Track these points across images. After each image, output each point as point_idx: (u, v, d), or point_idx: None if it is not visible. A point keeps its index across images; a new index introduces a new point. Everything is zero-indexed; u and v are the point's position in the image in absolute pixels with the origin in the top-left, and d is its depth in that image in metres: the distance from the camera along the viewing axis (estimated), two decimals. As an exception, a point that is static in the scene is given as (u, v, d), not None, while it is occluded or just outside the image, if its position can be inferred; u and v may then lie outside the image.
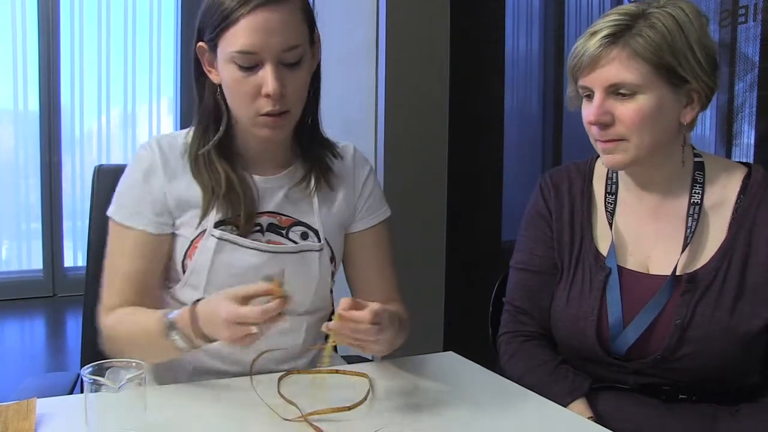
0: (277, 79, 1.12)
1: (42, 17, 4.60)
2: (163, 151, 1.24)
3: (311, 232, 1.28)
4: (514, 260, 1.35)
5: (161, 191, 1.22)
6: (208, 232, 1.20)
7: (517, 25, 2.66)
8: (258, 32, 1.10)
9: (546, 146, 2.69)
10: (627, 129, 1.12)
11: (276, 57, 1.12)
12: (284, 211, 1.27)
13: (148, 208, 1.21)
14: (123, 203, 1.23)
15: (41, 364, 3.58)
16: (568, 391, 1.19)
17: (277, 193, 1.27)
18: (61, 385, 1.26)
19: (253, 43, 1.11)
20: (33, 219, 4.77)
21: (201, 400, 1.09)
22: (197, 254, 1.21)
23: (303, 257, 1.25)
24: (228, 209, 1.21)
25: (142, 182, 1.22)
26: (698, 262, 1.16)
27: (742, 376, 1.16)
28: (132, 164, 1.25)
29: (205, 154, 1.22)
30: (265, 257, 1.22)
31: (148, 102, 5.02)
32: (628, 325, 1.17)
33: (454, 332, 2.69)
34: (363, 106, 2.61)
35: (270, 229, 1.25)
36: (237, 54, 1.12)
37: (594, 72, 1.12)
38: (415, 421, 1.02)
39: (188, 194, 1.22)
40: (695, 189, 1.18)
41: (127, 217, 1.21)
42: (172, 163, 1.23)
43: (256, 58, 1.12)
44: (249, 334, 1.00)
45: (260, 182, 1.26)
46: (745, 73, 1.83)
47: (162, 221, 1.22)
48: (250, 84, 1.13)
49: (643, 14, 1.11)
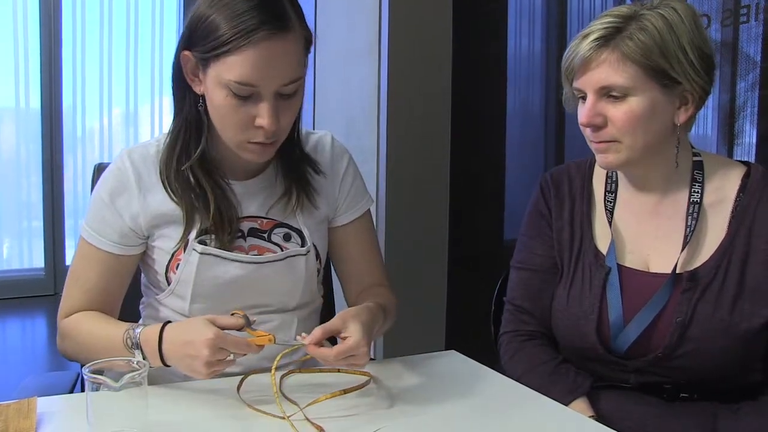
0: (274, 114, 1.08)
1: (44, 15, 4.61)
2: (136, 166, 1.20)
3: (293, 233, 1.27)
4: (515, 259, 1.35)
5: (129, 212, 1.19)
6: (190, 246, 1.18)
7: (519, 25, 2.66)
8: (259, 67, 1.05)
9: (548, 145, 2.69)
10: (619, 131, 1.12)
11: (275, 90, 1.08)
12: (264, 214, 1.25)
13: (111, 231, 1.20)
14: (89, 220, 1.21)
15: (42, 363, 3.58)
16: (569, 390, 1.19)
17: (256, 197, 1.25)
18: (61, 384, 1.26)
19: (255, 76, 1.05)
20: (34, 217, 4.77)
21: (201, 399, 1.09)
22: (181, 267, 1.20)
23: (288, 262, 1.25)
24: (208, 220, 1.18)
25: (108, 203, 1.19)
26: (698, 260, 1.16)
27: (742, 374, 1.16)
28: (101, 181, 1.22)
29: (186, 168, 1.18)
30: (250, 268, 1.21)
31: (150, 101, 5.02)
32: (628, 323, 1.17)
33: (456, 331, 2.69)
34: (365, 104, 2.60)
35: (251, 234, 1.24)
36: (234, 83, 1.06)
37: (585, 75, 1.13)
38: (416, 421, 1.02)
39: (165, 207, 1.19)
40: (694, 187, 1.19)
41: (91, 235, 1.20)
42: (145, 177, 1.20)
43: (254, 90, 1.07)
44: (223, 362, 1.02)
45: (237, 187, 1.23)
46: (746, 73, 1.83)
47: (127, 243, 1.20)
48: (244, 113, 1.09)
49: (635, 16, 1.11)
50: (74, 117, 4.82)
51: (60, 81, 4.70)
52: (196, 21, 1.09)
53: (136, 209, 1.19)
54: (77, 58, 4.77)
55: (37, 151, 4.71)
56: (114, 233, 1.20)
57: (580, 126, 1.18)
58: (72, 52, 4.74)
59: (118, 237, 1.20)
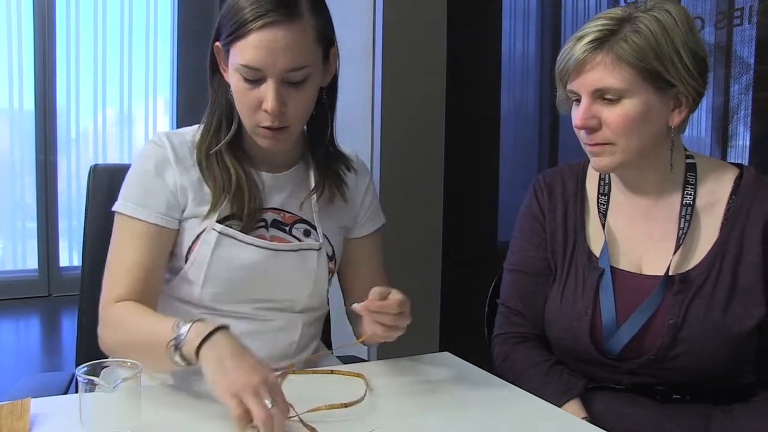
0: (278, 98, 1.13)
1: (38, 15, 4.59)
2: (174, 145, 1.23)
3: (313, 231, 1.29)
4: (508, 261, 1.36)
5: (174, 184, 1.21)
6: (210, 225, 1.21)
7: (514, 26, 2.66)
8: (264, 50, 1.10)
9: (542, 147, 2.70)
10: (613, 133, 1.13)
11: (279, 76, 1.12)
12: (288, 209, 1.28)
13: (158, 200, 1.20)
14: (131, 196, 1.21)
15: (36, 364, 3.57)
16: (562, 392, 1.19)
17: (283, 191, 1.29)
18: (55, 385, 1.26)
19: (258, 59, 1.11)
20: (28, 218, 4.76)
21: (196, 400, 1.09)
22: (199, 247, 1.21)
23: (302, 255, 1.26)
24: (234, 205, 1.22)
25: (154, 174, 1.21)
26: (691, 262, 1.17)
27: (735, 375, 1.16)
28: (140, 158, 1.23)
29: (216, 152, 1.22)
30: (264, 254, 1.23)
31: (144, 101, 5.01)
32: (621, 325, 1.17)
33: (449, 333, 2.69)
34: (359, 106, 2.60)
35: (274, 225, 1.26)
36: (242, 67, 1.12)
37: (580, 77, 1.13)
38: (410, 422, 1.02)
39: (199, 188, 1.22)
40: (687, 190, 1.19)
41: (135, 209, 1.19)
42: (182, 157, 1.23)
43: (260, 74, 1.12)
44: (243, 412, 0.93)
45: (267, 179, 1.27)
46: (740, 75, 1.84)
47: (171, 215, 1.21)
48: (252, 97, 1.14)
49: (629, 18, 1.11)
50: (68, 118, 4.81)
51: (54, 81, 4.68)
52: (223, 12, 1.17)
53: (178, 181, 1.21)
54: (71, 58, 4.75)
55: (31, 152, 4.69)
56: (161, 203, 1.20)
57: (575, 128, 1.18)
58: (66, 52, 4.73)
59: (165, 207, 1.20)
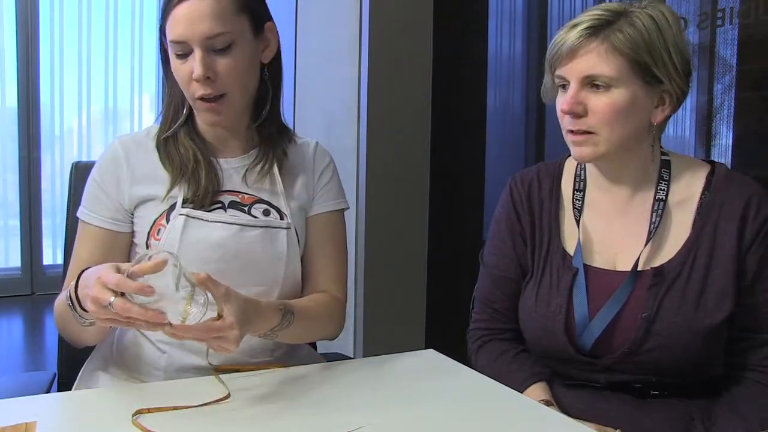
0: (203, 63, 1.18)
1: (20, 12, 4.55)
2: (125, 145, 1.30)
3: (273, 210, 1.31)
4: (484, 258, 1.37)
5: (119, 190, 1.27)
6: (176, 212, 1.24)
7: (500, 26, 2.67)
8: (184, 22, 1.18)
9: (528, 146, 2.71)
10: (598, 121, 1.14)
11: (202, 44, 1.18)
12: (246, 190, 1.31)
13: (103, 209, 1.27)
14: (85, 201, 1.29)
15: (19, 363, 3.54)
16: (526, 376, 1.22)
17: (239, 174, 1.32)
18: (38, 384, 1.25)
19: (179, 32, 1.18)
20: (11, 216, 4.72)
21: (184, 397, 1.08)
22: (165, 233, 1.23)
23: (269, 233, 1.27)
24: (191, 185, 1.25)
25: (99, 183, 1.28)
26: (664, 257, 1.19)
27: (705, 368, 1.18)
28: (94, 167, 1.31)
29: (172, 136, 1.29)
30: (230, 230, 1.25)
31: (129, 98, 4.98)
32: (592, 320, 1.19)
33: (434, 330, 2.69)
34: (345, 104, 2.60)
35: (232, 206, 1.28)
36: (171, 43, 1.20)
37: (571, 62, 1.15)
38: (394, 419, 1.02)
39: (154, 176, 1.27)
40: (661, 186, 1.21)
41: (89, 215, 1.28)
42: (135, 152, 1.29)
43: (187, 47, 1.19)
44: (104, 307, 0.94)
45: (223, 164, 1.31)
46: (723, 75, 1.85)
47: (118, 219, 1.27)
48: (185, 70, 1.21)
49: (625, 12, 1.14)
50: (52, 114, 4.77)
51: (37, 77, 4.64)
52: None
53: (125, 186, 1.27)
54: (55, 54, 4.71)
55: (14, 150, 4.65)
56: (108, 210, 1.27)
57: (559, 113, 1.19)
58: (50, 48, 4.68)
59: (112, 214, 1.27)
